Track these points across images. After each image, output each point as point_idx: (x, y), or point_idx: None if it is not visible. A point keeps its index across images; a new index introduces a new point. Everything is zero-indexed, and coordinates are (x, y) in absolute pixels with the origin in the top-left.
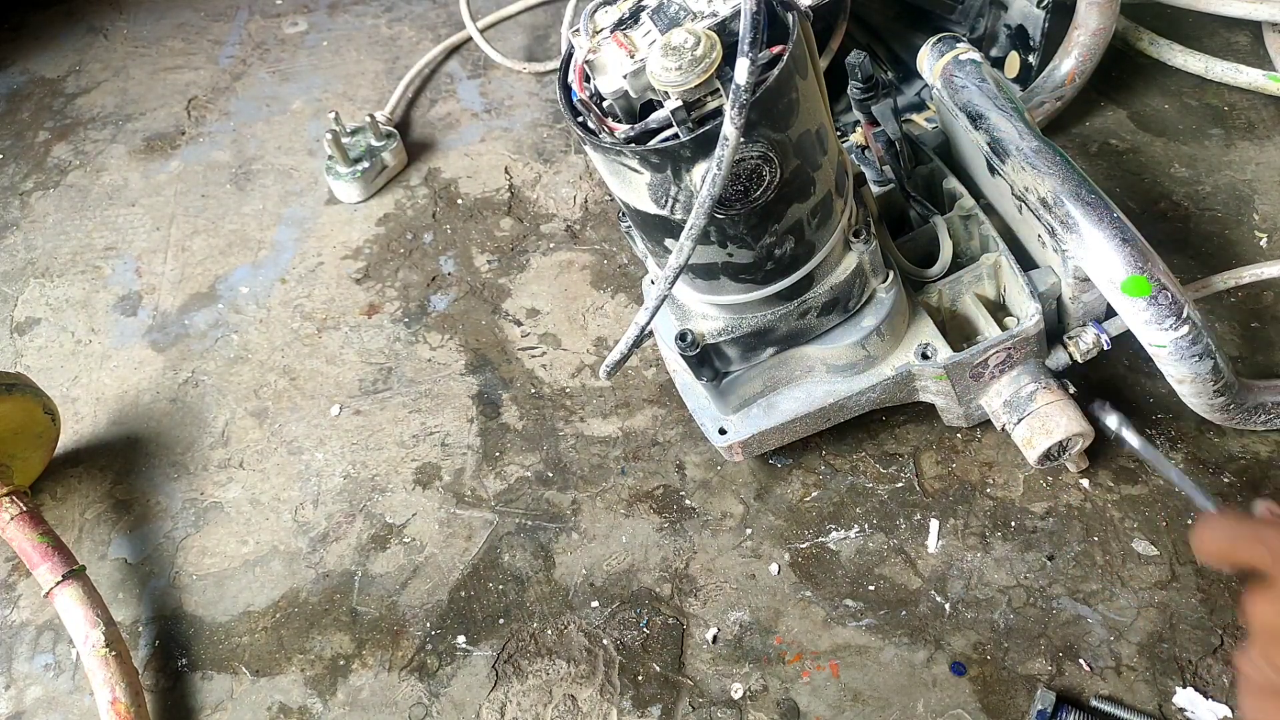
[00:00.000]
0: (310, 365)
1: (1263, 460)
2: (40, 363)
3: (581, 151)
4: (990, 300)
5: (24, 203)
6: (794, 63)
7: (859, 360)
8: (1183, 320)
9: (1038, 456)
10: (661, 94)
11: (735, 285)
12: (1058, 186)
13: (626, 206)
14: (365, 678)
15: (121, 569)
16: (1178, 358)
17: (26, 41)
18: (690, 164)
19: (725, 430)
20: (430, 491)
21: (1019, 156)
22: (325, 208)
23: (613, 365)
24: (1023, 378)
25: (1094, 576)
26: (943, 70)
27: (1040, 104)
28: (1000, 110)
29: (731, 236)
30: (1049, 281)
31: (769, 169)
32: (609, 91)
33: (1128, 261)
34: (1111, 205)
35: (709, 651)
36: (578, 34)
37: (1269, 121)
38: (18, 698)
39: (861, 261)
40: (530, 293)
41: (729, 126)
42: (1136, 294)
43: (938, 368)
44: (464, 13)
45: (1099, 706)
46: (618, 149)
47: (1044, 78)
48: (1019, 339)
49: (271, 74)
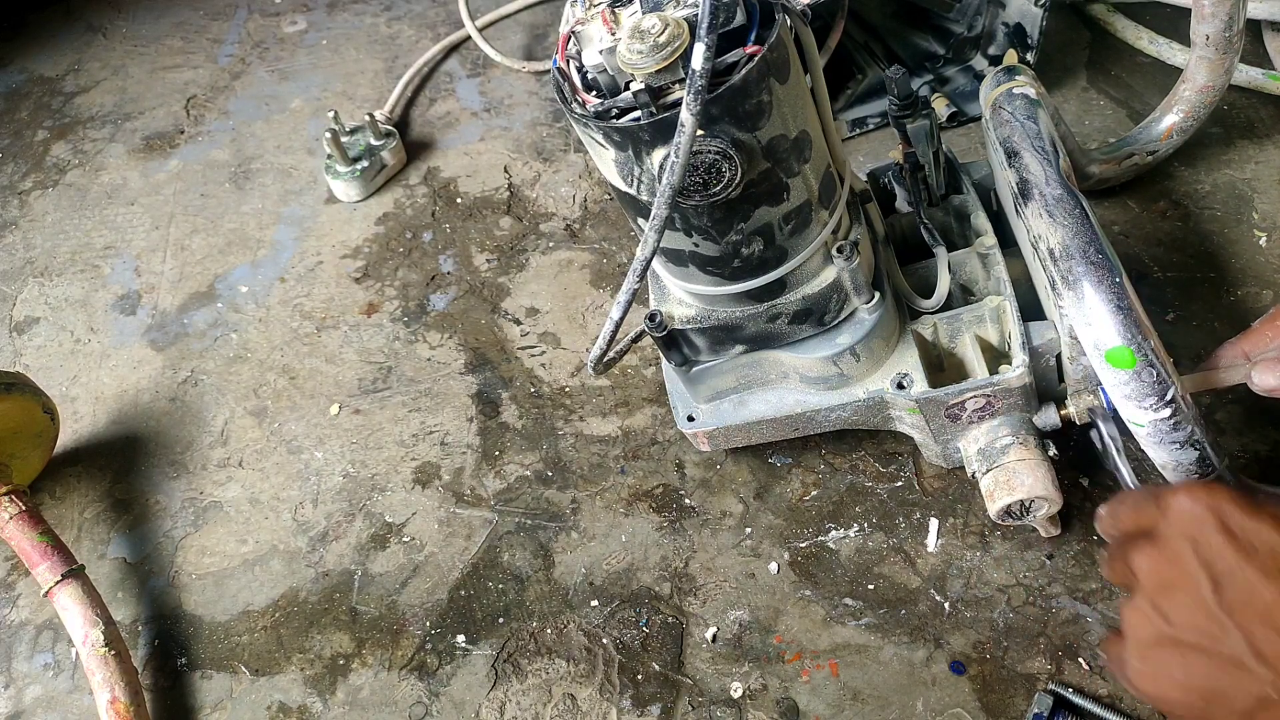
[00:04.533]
0: (309, 364)
1: (1262, 459)
2: (39, 362)
3: (581, 150)
4: (991, 345)
5: (23, 202)
6: (769, 65)
7: (831, 376)
8: (1165, 403)
9: (997, 511)
10: (629, 75)
11: (704, 276)
12: (1068, 239)
13: (607, 180)
14: (365, 677)
15: (121, 568)
16: (1156, 440)
17: (25, 40)
18: (650, 147)
19: (694, 418)
20: (430, 491)
21: (1039, 202)
22: (324, 207)
23: (595, 360)
24: (1001, 429)
25: (1093, 575)
26: (994, 101)
27: (1128, 156)
28: (1035, 151)
29: (696, 227)
30: (1047, 336)
31: (729, 166)
32: (591, 65)
33: (1118, 330)
34: (1118, 270)
35: (708, 650)
36: (575, 4)
37: (1268, 120)
38: (17, 697)
39: (841, 277)
40: (530, 292)
41: (685, 114)
42: (1120, 365)
43: (910, 400)
44: (463, 11)
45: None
46: (585, 121)
47: (1140, 129)
48: (1000, 388)
49: (271, 73)
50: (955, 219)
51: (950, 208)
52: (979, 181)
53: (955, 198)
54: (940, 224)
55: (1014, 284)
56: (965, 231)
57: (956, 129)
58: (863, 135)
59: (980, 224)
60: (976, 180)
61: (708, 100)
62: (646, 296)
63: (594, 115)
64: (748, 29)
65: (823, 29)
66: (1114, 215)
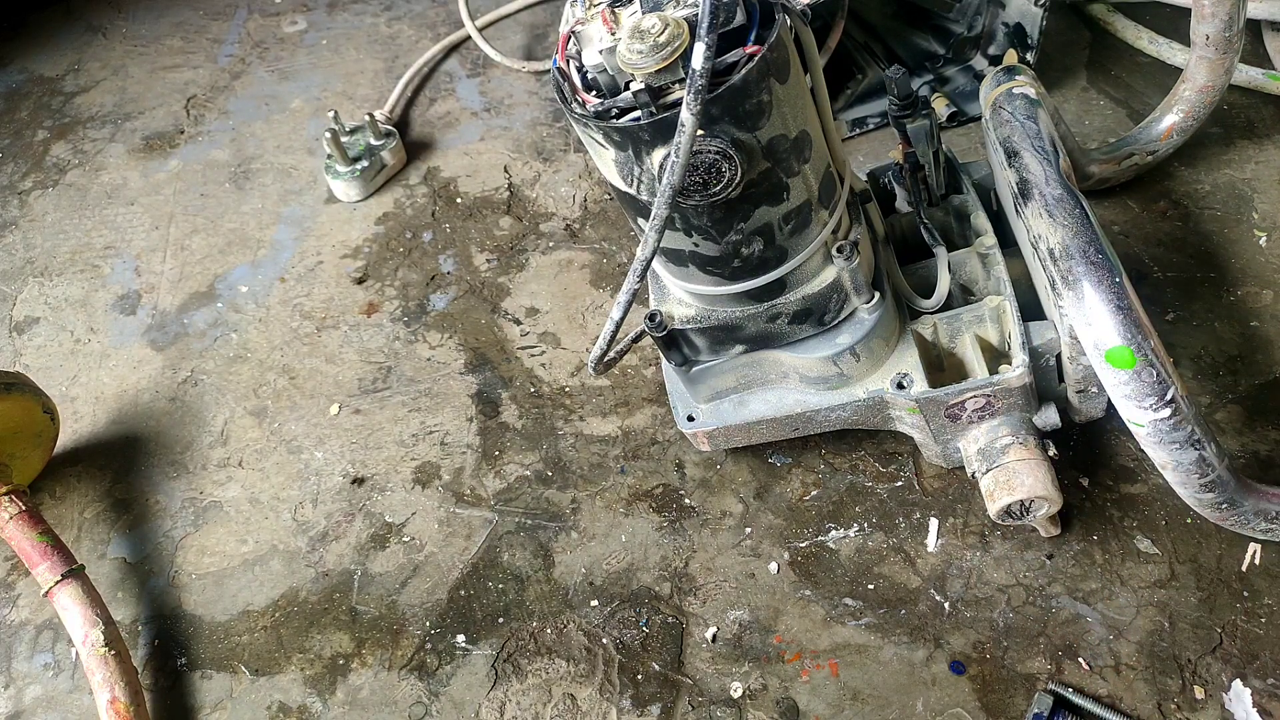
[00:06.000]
0: (309, 364)
1: (1262, 459)
2: (39, 362)
3: (581, 150)
4: (991, 345)
5: (23, 202)
6: (769, 65)
7: (831, 375)
8: (1165, 403)
9: (997, 511)
10: (629, 75)
11: (704, 276)
12: (1068, 239)
13: (606, 180)
14: (365, 677)
15: (121, 568)
16: (1156, 441)
17: (25, 40)
18: (650, 147)
19: (694, 418)
20: (430, 490)
21: (1039, 202)
22: (324, 207)
23: (595, 360)
24: (1001, 429)
25: (1093, 575)
26: (994, 101)
27: (1128, 156)
28: (1035, 151)
29: (696, 227)
30: (1047, 336)
31: (729, 166)
32: (590, 64)
33: (1118, 330)
34: (1118, 270)
35: (708, 650)
36: (575, 4)
37: (1268, 120)
38: (17, 697)
39: (841, 277)
40: (529, 291)
41: (685, 113)
42: (1120, 365)
43: (910, 400)
44: (463, 11)
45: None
46: (585, 120)
47: (1140, 129)
48: (999, 388)
49: (271, 73)
50: (955, 219)
51: (950, 208)
52: (979, 181)
53: (955, 198)
54: (940, 224)
55: (1014, 284)
56: (965, 231)
57: (956, 129)
58: (863, 135)
59: (980, 224)
60: (976, 180)
61: (708, 100)
62: (646, 296)
63: (594, 115)
64: (748, 29)
65: (823, 29)
66: (1114, 215)
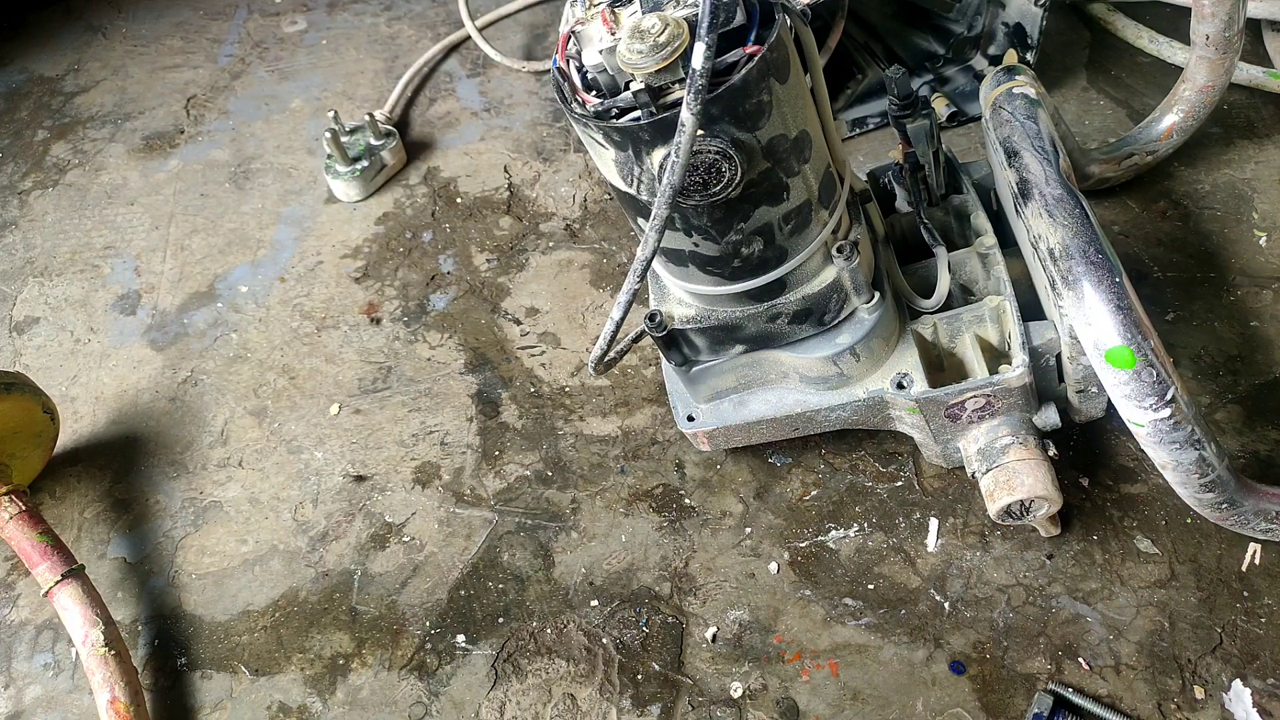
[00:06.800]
0: (309, 364)
1: (1262, 459)
2: (39, 362)
3: (581, 150)
4: (991, 345)
5: (23, 202)
6: (769, 65)
7: (831, 375)
8: (1165, 402)
9: (997, 511)
10: (629, 75)
11: (704, 276)
12: (1068, 239)
13: (606, 180)
14: (365, 677)
15: (121, 568)
16: (1156, 441)
17: (25, 40)
18: (650, 147)
19: (694, 418)
20: (430, 490)
21: (1039, 201)
22: (324, 206)
23: (596, 360)
24: (1001, 429)
25: (1093, 575)
26: (994, 100)
27: (1128, 156)
28: (1035, 151)
29: (696, 227)
30: (1047, 336)
31: (729, 166)
32: (590, 64)
33: (1118, 330)
34: (1118, 270)
35: (708, 650)
36: (575, 4)
37: (1268, 120)
38: (17, 697)
39: (841, 277)
40: (530, 291)
41: (685, 113)
42: (1120, 365)
43: (910, 400)
44: (463, 11)
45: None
46: (585, 120)
47: (1140, 129)
48: (999, 388)
49: (270, 73)
50: (955, 219)
51: (950, 208)
52: (979, 181)
53: (955, 198)
54: (940, 224)
55: (1014, 284)
56: (965, 231)
57: (956, 129)
58: (863, 135)
59: (980, 224)
60: (976, 180)
61: (708, 100)
62: (646, 296)
63: (594, 115)
64: (748, 29)
65: (823, 29)
66: (1114, 215)
